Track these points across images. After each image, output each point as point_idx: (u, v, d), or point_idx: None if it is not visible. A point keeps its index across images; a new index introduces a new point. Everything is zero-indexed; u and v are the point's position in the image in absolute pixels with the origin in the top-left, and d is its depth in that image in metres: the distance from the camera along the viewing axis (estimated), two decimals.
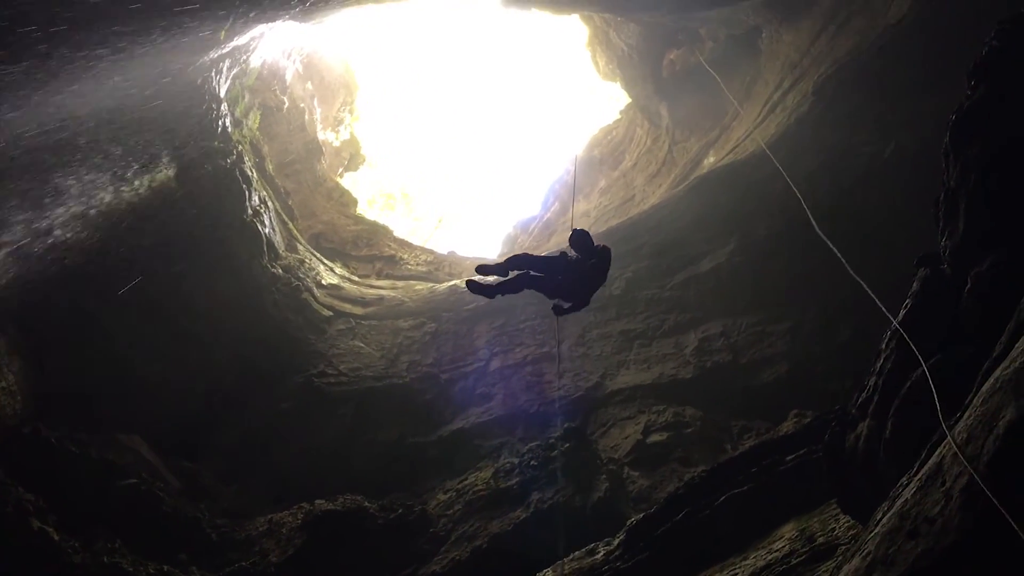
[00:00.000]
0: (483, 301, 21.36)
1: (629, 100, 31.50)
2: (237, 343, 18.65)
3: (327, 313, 21.32)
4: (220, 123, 17.56)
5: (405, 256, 27.24)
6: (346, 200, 28.50)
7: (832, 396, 13.61)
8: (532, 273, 9.91)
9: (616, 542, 11.49)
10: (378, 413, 18.64)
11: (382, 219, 31.88)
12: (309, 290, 21.31)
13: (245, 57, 18.17)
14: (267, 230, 20.34)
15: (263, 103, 23.43)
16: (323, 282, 22.36)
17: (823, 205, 15.74)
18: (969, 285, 6.41)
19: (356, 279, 24.14)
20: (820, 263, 12.76)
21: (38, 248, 13.46)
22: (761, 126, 22.00)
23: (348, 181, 31.22)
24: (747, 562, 9.48)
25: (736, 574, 9.42)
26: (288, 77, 25.60)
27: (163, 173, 15.88)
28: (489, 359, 20.06)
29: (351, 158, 31.80)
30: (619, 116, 33.61)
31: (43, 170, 11.97)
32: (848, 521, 8.52)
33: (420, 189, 46.86)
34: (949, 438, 4.67)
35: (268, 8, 13.47)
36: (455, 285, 22.81)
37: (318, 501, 15.10)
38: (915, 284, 7.42)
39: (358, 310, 21.97)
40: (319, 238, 25.69)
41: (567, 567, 11.48)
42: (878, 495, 6.19)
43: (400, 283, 24.56)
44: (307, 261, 22.50)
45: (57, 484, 13.23)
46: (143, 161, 14.83)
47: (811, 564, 8.54)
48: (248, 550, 14.26)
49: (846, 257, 9.03)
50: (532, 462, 15.16)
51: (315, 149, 27.57)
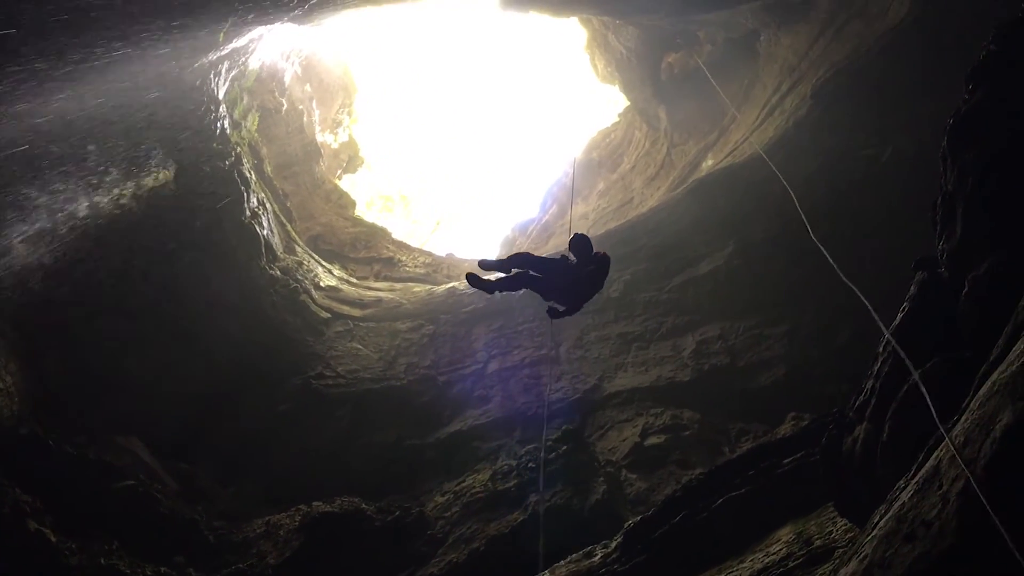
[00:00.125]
0: (481, 303, 21.40)
1: (628, 103, 31.54)
2: (235, 345, 18.61)
3: (325, 315, 21.29)
4: (218, 125, 17.56)
5: (403, 258, 27.23)
6: (344, 202, 28.50)
7: (829, 399, 13.62)
8: (532, 273, 9.95)
9: (613, 545, 11.48)
10: (376, 415, 18.61)
11: (380, 221, 31.89)
12: (307, 292, 21.29)
13: (244, 59, 18.17)
14: (265, 232, 20.31)
15: (262, 105, 23.43)
16: (321, 284, 22.34)
17: (821, 208, 15.80)
18: (966, 289, 6.41)
19: (354, 281, 24.12)
20: (818, 266, 12.73)
21: (36, 248, 13.45)
22: (759, 129, 22.03)
23: (346, 183, 31.21)
24: (744, 565, 9.47)
25: None
26: (287, 79, 25.59)
27: (161, 174, 15.87)
28: (487, 361, 20.03)
29: (349, 160, 31.79)
30: (617, 119, 33.64)
31: (41, 171, 11.97)
32: (845, 524, 8.52)
33: (418, 191, 46.95)
34: (947, 440, 4.67)
35: (267, 10, 13.48)
36: (453, 287, 22.79)
37: (315, 503, 15.09)
38: (912, 288, 7.43)
39: (356, 312, 21.95)
40: (317, 240, 25.68)
41: (564, 570, 11.48)
42: (875, 498, 6.19)
43: (398, 285, 24.55)
44: (305, 263, 22.47)
45: (54, 485, 13.17)
46: (141, 162, 14.83)
47: (808, 567, 8.54)
48: (245, 552, 14.23)
49: (844, 260, 9.04)
50: (530, 464, 15.16)
51: (314, 151, 27.55)
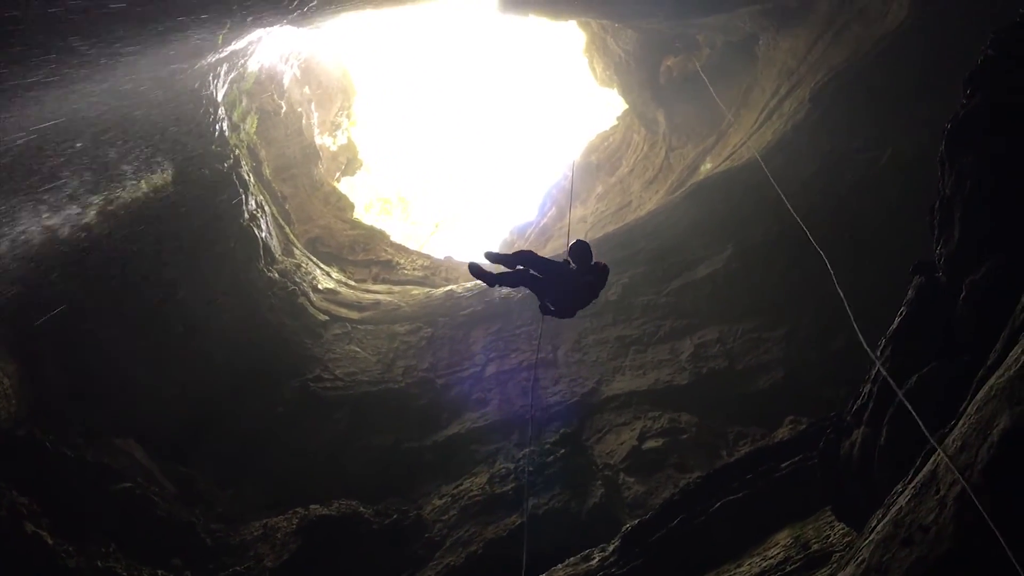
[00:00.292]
0: (479, 306, 21.40)
1: (626, 106, 31.54)
2: (233, 347, 18.59)
3: (323, 317, 21.28)
4: (217, 127, 17.56)
5: (402, 261, 27.24)
6: (343, 204, 28.51)
7: (827, 403, 13.60)
8: (533, 272, 10.00)
9: (611, 548, 11.46)
10: (374, 418, 18.59)
11: (379, 224, 31.88)
12: (305, 294, 21.27)
13: (243, 61, 18.18)
14: (264, 234, 20.30)
15: (260, 107, 23.44)
16: (319, 286, 22.32)
17: (819, 211, 15.83)
18: (964, 293, 6.41)
19: (352, 284, 24.11)
20: (816, 270, 12.78)
21: (34, 249, 13.44)
22: (758, 133, 22.05)
23: (345, 186, 31.22)
24: (742, 569, 9.46)
25: None
26: (286, 81, 25.60)
27: (160, 176, 15.87)
28: (485, 364, 20.03)
29: (348, 163, 31.80)
30: (616, 122, 33.64)
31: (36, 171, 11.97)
32: (843, 528, 8.51)
33: (417, 194, 47.00)
34: (939, 451, 4.67)
35: (266, 13, 13.48)
36: (452, 290, 22.80)
37: (313, 506, 15.07)
38: (910, 292, 7.43)
39: (354, 315, 21.93)
40: (316, 242, 25.69)
41: (562, 573, 11.47)
42: (873, 502, 6.19)
43: (396, 288, 24.54)
44: (304, 265, 22.46)
45: (52, 488, 13.14)
46: (139, 165, 14.82)
47: (806, 571, 8.53)
48: (243, 555, 14.21)
49: (842, 263, 9.05)
50: (528, 468, 15.14)
51: (312, 153, 27.56)
